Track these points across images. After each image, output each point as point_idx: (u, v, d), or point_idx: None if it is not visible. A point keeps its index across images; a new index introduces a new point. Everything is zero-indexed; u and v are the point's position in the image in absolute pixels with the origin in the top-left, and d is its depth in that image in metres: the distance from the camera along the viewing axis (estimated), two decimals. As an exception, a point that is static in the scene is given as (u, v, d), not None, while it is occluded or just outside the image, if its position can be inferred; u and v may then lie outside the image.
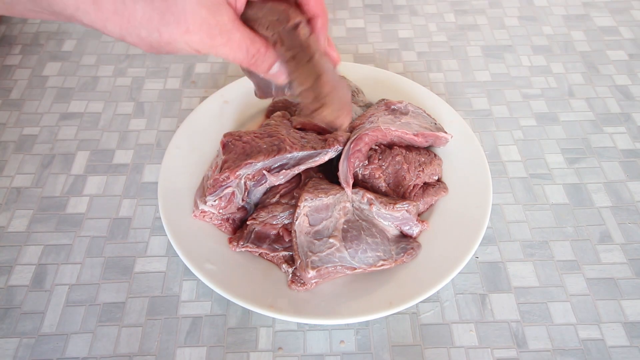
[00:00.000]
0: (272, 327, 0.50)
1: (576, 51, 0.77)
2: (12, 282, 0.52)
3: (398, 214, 0.52)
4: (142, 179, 0.61)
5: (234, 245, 0.52)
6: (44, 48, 0.77)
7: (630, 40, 0.78)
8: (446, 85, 0.72)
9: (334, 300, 0.49)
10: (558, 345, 0.49)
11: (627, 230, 0.57)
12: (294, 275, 0.50)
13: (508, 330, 0.50)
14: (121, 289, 0.52)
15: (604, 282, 0.53)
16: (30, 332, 0.49)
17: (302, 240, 0.49)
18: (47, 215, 0.58)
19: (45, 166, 0.62)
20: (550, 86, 0.72)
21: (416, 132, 0.56)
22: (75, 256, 0.54)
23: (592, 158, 0.63)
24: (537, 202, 0.59)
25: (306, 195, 0.51)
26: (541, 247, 0.55)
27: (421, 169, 0.56)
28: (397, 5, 0.84)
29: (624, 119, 0.68)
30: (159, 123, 0.67)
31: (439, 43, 0.78)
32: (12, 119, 0.67)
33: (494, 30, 0.80)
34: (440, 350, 0.48)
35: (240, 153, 0.53)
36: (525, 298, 0.52)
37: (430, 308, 0.51)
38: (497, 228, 0.57)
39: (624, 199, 0.60)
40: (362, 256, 0.50)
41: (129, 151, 0.64)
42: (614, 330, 0.50)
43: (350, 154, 0.54)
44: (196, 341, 0.49)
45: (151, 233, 0.56)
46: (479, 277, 0.53)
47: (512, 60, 0.75)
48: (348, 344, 0.49)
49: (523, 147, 0.64)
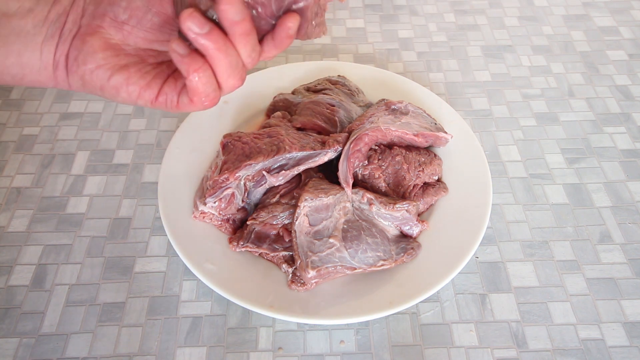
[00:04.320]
0: (272, 327, 0.50)
1: (576, 51, 0.77)
2: (12, 282, 0.52)
3: (398, 214, 0.52)
4: (142, 179, 0.61)
5: (234, 245, 0.52)
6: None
7: (630, 40, 0.78)
8: (446, 85, 0.72)
9: (334, 300, 0.49)
10: (558, 345, 0.49)
11: (627, 230, 0.57)
12: (294, 275, 0.50)
13: (508, 330, 0.50)
14: (121, 289, 0.52)
15: (604, 282, 0.53)
16: (30, 332, 0.49)
17: (302, 240, 0.49)
18: (47, 215, 0.58)
19: (45, 166, 0.62)
20: (550, 86, 0.72)
21: (416, 132, 0.56)
22: (75, 256, 0.54)
23: (592, 158, 0.63)
24: (537, 202, 0.59)
25: (306, 195, 0.51)
26: (541, 247, 0.55)
27: (421, 169, 0.56)
28: (397, 5, 0.84)
29: (624, 119, 0.68)
30: (159, 123, 0.67)
31: (439, 43, 0.78)
32: (12, 119, 0.67)
33: (494, 30, 0.80)
34: (440, 350, 0.48)
35: (239, 154, 0.53)
36: (525, 298, 0.52)
37: (430, 308, 0.51)
38: (497, 228, 0.57)
39: (624, 199, 0.60)
40: (362, 256, 0.50)
41: (129, 151, 0.64)
42: (614, 330, 0.50)
43: (350, 154, 0.54)
44: (196, 341, 0.49)
45: (151, 233, 0.56)
46: (479, 277, 0.53)
47: (512, 60, 0.75)
48: (348, 344, 0.49)
49: (523, 147, 0.64)
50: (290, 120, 0.59)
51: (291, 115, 0.61)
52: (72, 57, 0.38)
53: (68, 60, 0.38)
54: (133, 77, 0.38)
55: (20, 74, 0.38)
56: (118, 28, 0.38)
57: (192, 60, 0.34)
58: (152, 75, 0.38)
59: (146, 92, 0.38)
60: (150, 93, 0.38)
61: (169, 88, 0.38)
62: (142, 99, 0.38)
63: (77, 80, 0.38)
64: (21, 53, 0.37)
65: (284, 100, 0.64)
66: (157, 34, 0.39)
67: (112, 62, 0.37)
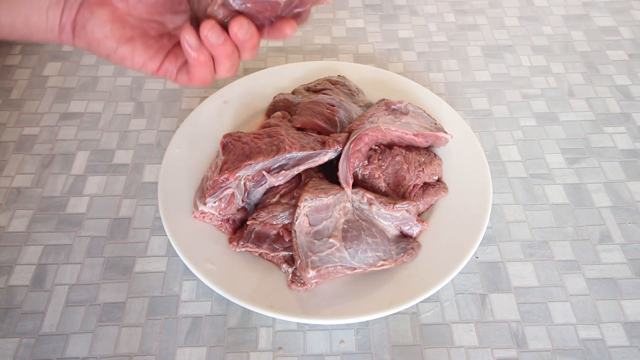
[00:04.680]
0: (272, 327, 0.50)
1: (576, 51, 0.77)
2: (12, 282, 0.52)
3: (398, 214, 0.52)
4: (142, 179, 0.61)
5: (234, 245, 0.52)
6: (44, 48, 0.77)
7: (630, 40, 0.78)
8: (446, 85, 0.72)
9: (334, 300, 0.49)
10: (558, 345, 0.49)
11: (627, 230, 0.57)
12: (294, 275, 0.50)
13: (508, 330, 0.50)
14: (121, 289, 0.52)
15: (604, 282, 0.53)
16: (30, 332, 0.49)
17: (302, 240, 0.49)
18: (47, 215, 0.58)
19: (45, 166, 0.62)
20: (550, 86, 0.72)
21: (416, 132, 0.56)
22: (75, 256, 0.54)
23: (592, 158, 0.63)
24: (537, 202, 0.59)
25: (306, 195, 0.51)
26: (541, 247, 0.55)
27: (421, 169, 0.56)
28: (397, 5, 0.84)
29: (624, 119, 0.68)
30: (159, 123, 0.67)
31: (439, 43, 0.78)
32: (12, 119, 0.67)
33: (494, 30, 0.80)
34: (440, 350, 0.48)
35: (239, 154, 0.53)
36: (525, 298, 0.52)
37: (430, 308, 0.51)
38: (497, 228, 0.57)
39: (624, 199, 0.60)
40: (362, 256, 0.50)
41: (129, 151, 0.64)
42: (614, 330, 0.50)
43: (350, 154, 0.54)
44: (196, 341, 0.49)
45: (151, 233, 0.56)
46: (479, 277, 0.53)
47: (512, 60, 0.75)
48: (348, 344, 0.49)
49: (523, 147, 0.64)
50: (290, 120, 0.59)
51: (291, 115, 0.61)
52: (80, 24, 0.40)
53: (75, 26, 0.41)
54: (138, 50, 0.41)
55: (27, 34, 0.41)
56: (123, 1, 0.41)
57: (200, 54, 0.39)
58: (155, 48, 0.42)
59: (149, 63, 0.42)
60: (153, 65, 0.42)
61: (169, 62, 0.43)
62: (145, 69, 0.42)
63: (84, 44, 0.41)
64: (28, 16, 0.40)
65: (284, 100, 0.64)
66: (160, 7, 0.42)
67: (119, 34, 0.40)
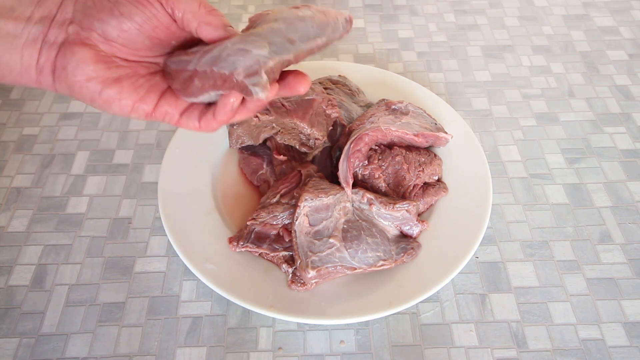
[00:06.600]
0: (272, 327, 0.50)
1: (576, 51, 0.77)
2: (12, 282, 0.52)
3: (398, 214, 0.52)
4: (142, 179, 0.61)
5: (234, 245, 0.52)
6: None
7: (630, 40, 0.78)
8: (446, 85, 0.72)
9: (334, 300, 0.49)
10: (558, 345, 0.49)
11: (627, 230, 0.57)
12: (294, 275, 0.50)
13: (508, 330, 0.50)
14: (121, 289, 0.52)
15: (604, 282, 0.53)
16: (30, 332, 0.49)
17: (302, 240, 0.49)
18: (47, 215, 0.58)
19: (45, 166, 0.62)
20: (550, 86, 0.72)
21: (416, 133, 0.56)
22: (75, 256, 0.54)
23: (592, 158, 0.63)
24: (537, 202, 0.59)
25: (306, 195, 0.51)
26: (541, 247, 0.55)
27: (421, 169, 0.56)
28: (397, 5, 0.84)
29: (624, 119, 0.68)
30: (159, 123, 0.67)
31: (439, 43, 0.78)
32: (12, 119, 0.67)
33: (494, 30, 0.80)
34: (440, 350, 0.48)
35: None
36: (525, 298, 0.52)
37: (430, 308, 0.51)
38: (497, 228, 0.57)
39: (624, 199, 0.60)
40: (362, 256, 0.50)
41: (129, 151, 0.64)
42: (614, 330, 0.50)
43: (350, 154, 0.54)
44: (196, 341, 0.49)
45: (151, 233, 0.56)
46: (479, 277, 0.53)
47: (512, 60, 0.75)
48: (348, 344, 0.49)
49: (523, 147, 0.64)
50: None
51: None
52: (60, 66, 0.36)
53: (55, 68, 0.36)
54: (126, 91, 0.37)
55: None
56: (107, 44, 0.37)
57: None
58: (145, 88, 0.38)
59: (141, 105, 0.38)
60: (145, 107, 0.38)
61: (169, 105, 0.39)
62: (135, 112, 0.38)
63: (65, 88, 0.37)
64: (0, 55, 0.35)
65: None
66: (148, 52, 0.38)
67: (104, 76, 0.36)
